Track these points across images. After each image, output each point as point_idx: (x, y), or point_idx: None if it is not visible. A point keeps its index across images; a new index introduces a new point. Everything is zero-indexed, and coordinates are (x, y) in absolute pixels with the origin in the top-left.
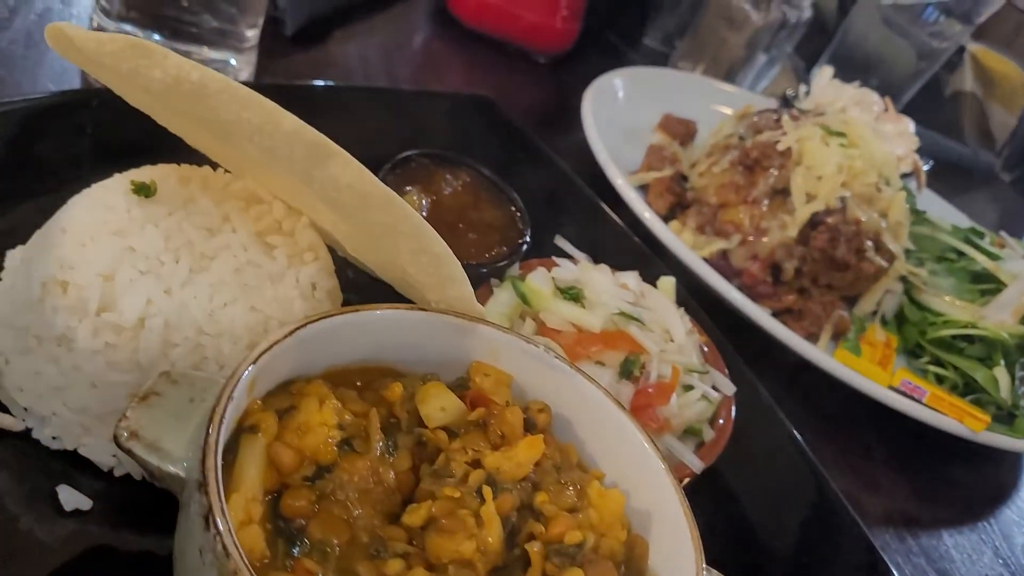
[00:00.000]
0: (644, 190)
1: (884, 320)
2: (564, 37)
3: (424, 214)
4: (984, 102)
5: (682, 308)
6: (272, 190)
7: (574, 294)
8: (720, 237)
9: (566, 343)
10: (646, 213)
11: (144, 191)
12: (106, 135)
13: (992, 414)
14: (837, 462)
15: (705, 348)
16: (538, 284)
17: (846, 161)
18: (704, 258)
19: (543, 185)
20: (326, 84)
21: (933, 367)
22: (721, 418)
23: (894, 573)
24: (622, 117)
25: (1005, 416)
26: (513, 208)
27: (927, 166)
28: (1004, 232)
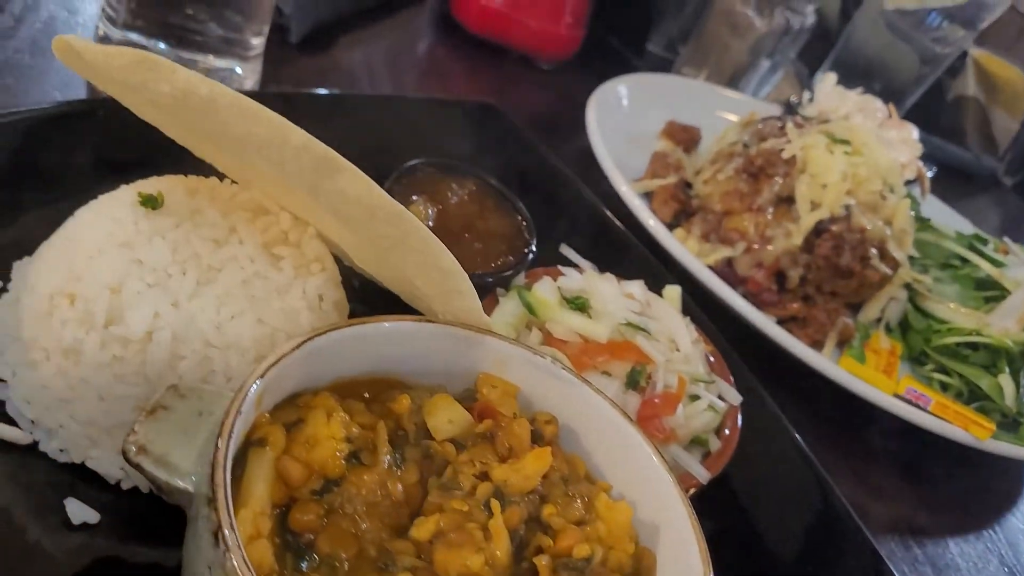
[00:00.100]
0: (648, 197)
1: (888, 327)
2: (568, 44)
3: (430, 224)
4: (987, 107)
5: (687, 318)
6: (279, 201)
7: (580, 304)
8: (725, 245)
9: (572, 353)
10: (650, 220)
11: (151, 203)
12: (112, 145)
13: (997, 422)
14: (842, 469)
15: (711, 358)
16: (544, 294)
17: (850, 169)
18: (709, 266)
19: (548, 193)
20: (331, 92)
21: (938, 375)
22: (727, 428)
23: None
24: (626, 124)
25: (1010, 423)
26: (519, 217)
27: (931, 172)
28: (1007, 238)
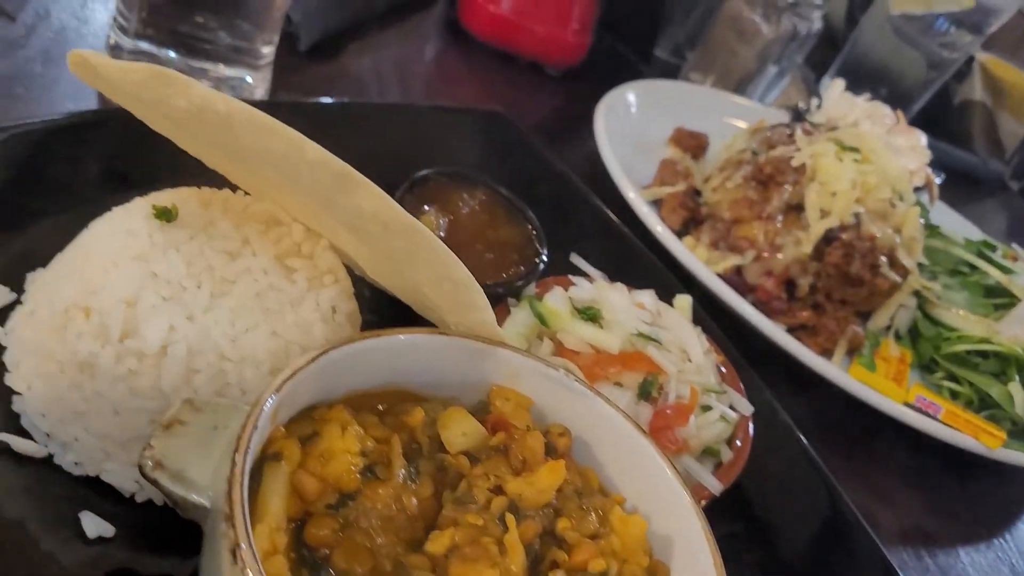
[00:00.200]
0: (657, 205)
1: (898, 335)
2: (576, 50)
3: (442, 234)
4: (993, 111)
5: (699, 328)
6: (292, 212)
7: (592, 314)
8: (734, 253)
9: (584, 364)
10: (658, 227)
11: (166, 216)
12: (124, 156)
13: (1007, 430)
14: (852, 477)
15: (723, 369)
16: (555, 304)
17: (860, 177)
18: (718, 274)
19: (557, 201)
20: (340, 101)
21: (948, 382)
22: (739, 438)
23: None
24: (634, 130)
25: (1020, 432)
26: (529, 226)
27: (939, 179)
28: (1016, 244)
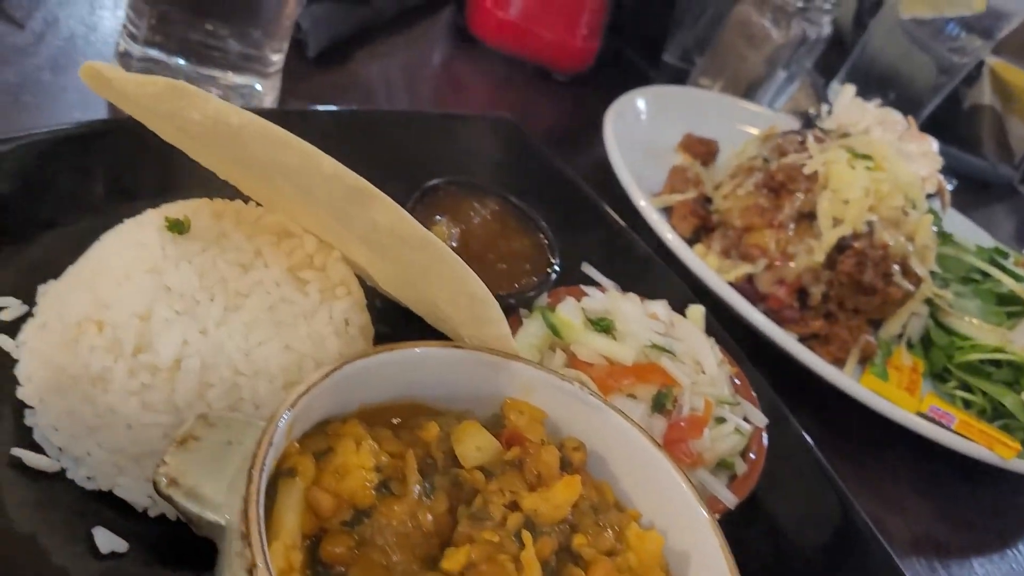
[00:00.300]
0: (667, 212)
1: (910, 344)
2: (584, 55)
3: (453, 244)
4: (1003, 115)
5: (712, 338)
6: (304, 224)
7: (605, 325)
8: (745, 261)
9: (597, 376)
10: (669, 235)
11: (178, 228)
12: (135, 166)
13: (1022, 440)
14: (865, 487)
15: (737, 380)
16: (568, 315)
17: (873, 185)
18: (729, 282)
19: (568, 210)
20: (350, 109)
21: (961, 392)
22: (753, 451)
23: None
24: (643, 136)
25: None
26: (541, 236)
27: (951, 186)
28: None
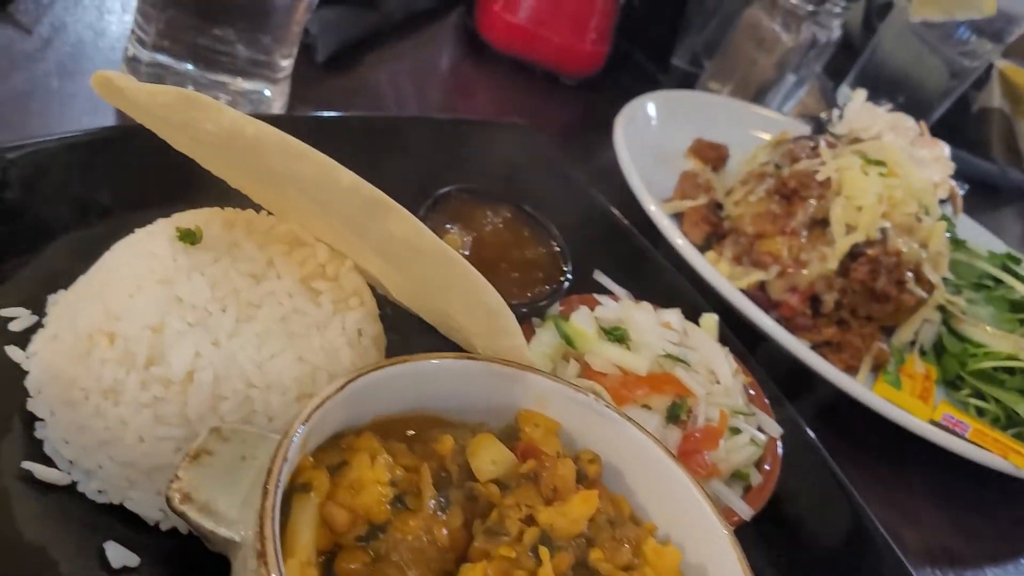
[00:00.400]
0: (677, 218)
1: (922, 351)
2: (593, 59)
3: (466, 253)
4: (1012, 119)
5: (727, 348)
6: (316, 233)
7: (619, 335)
8: (758, 268)
9: (611, 386)
10: (679, 241)
11: (189, 238)
12: (144, 173)
13: None
14: (878, 497)
15: (751, 391)
16: (582, 325)
17: (886, 191)
18: (741, 289)
19: (579, 216)
20: (359, 115)
21: (974, 399)
22: (767, 461)
23: None
24: (654, 141)
25: None
26: (553, 243)
27: (963, 191)
28: None
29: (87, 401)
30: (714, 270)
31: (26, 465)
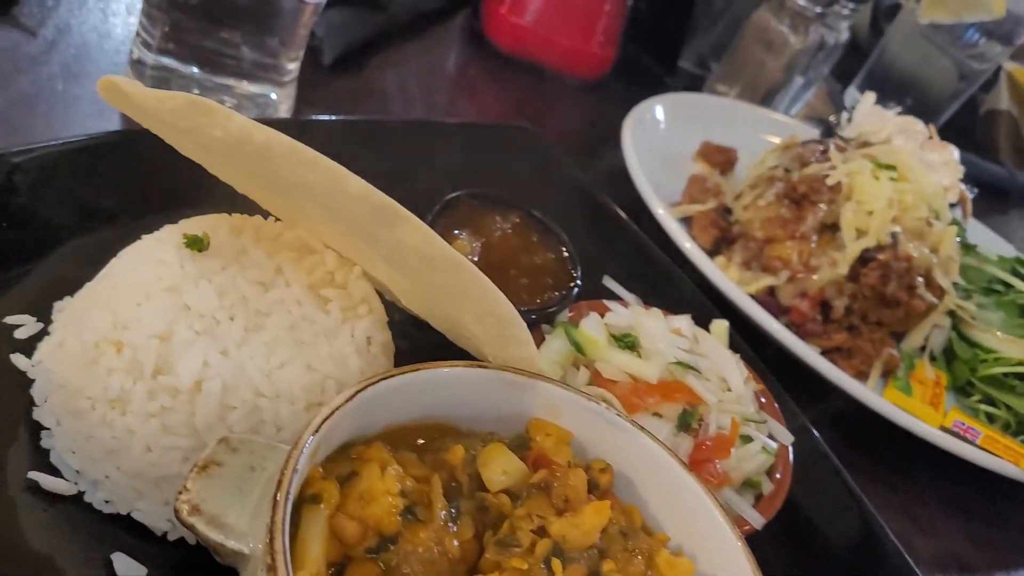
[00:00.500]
0: (685, 222)
1: (932, 356)
2: (600, 62)
3: (474, 259)
4: (1020, 121)
5: (737, 355)
6: (325, 240)
7: (629, 342)
8: (767, 273)
9: (622, 394)
10: (687, 244)
11: (197, 245)
12: (150, 178)
13: None
14: (888, 504)
15: (762, 398)
16: (592, 332)
17: (897, 196)
18: (751, 295)
19: (588, 221)
20: (366, 119)
21: (984, 405)
22: (779, 469)
23: None
24: (661, 144)
25: None
26: (562, 249)
27: (972, 194)
28: None
29: (94, 410)
30: (723, 275)
31: (32, 475)
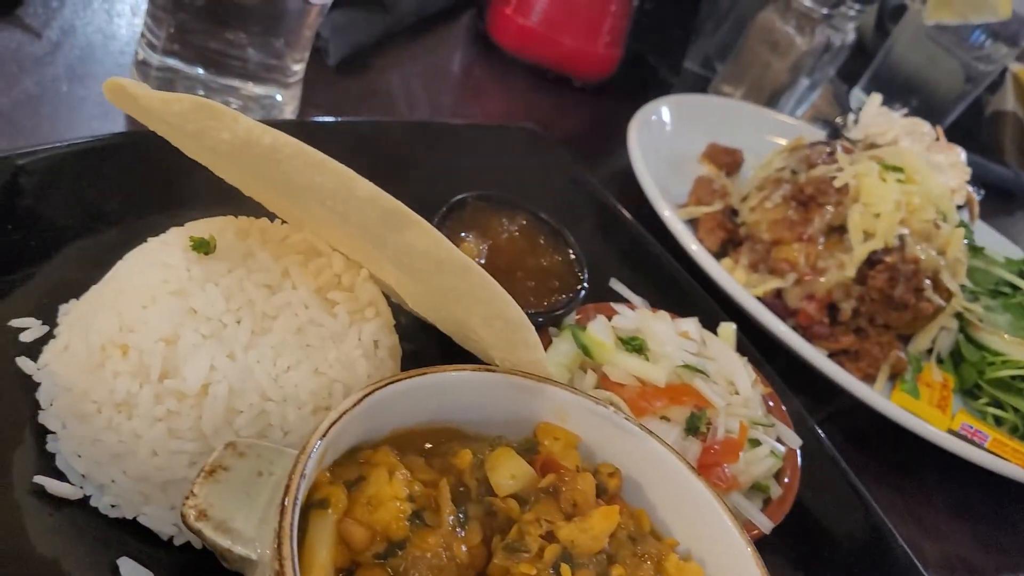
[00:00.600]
0: (692, 224)
1: (940, 359)
2: (606, 63)
3: (481, 261)
4: None
5: (745, 358)
6: (332, 243)
7: (637, 345)
8: (774, 275)
9: (629, 397)
10: (694, 246)
11: (203, 247)
12: (156, 181)
13: None
14: (896, 507)
15: (770, 402)
16: (600, 335)
17: (904, 198)
18: (758, 297)
19: (594, 223)
20: (372, 120)
21: (992, 408)
22: (787, 473)
23: None
24: (667, 145)
25: None
26: (569, 251)
27: (979, 196)
28: None
29: (100, 414)
30: (730, 277)
31: (38, 479)
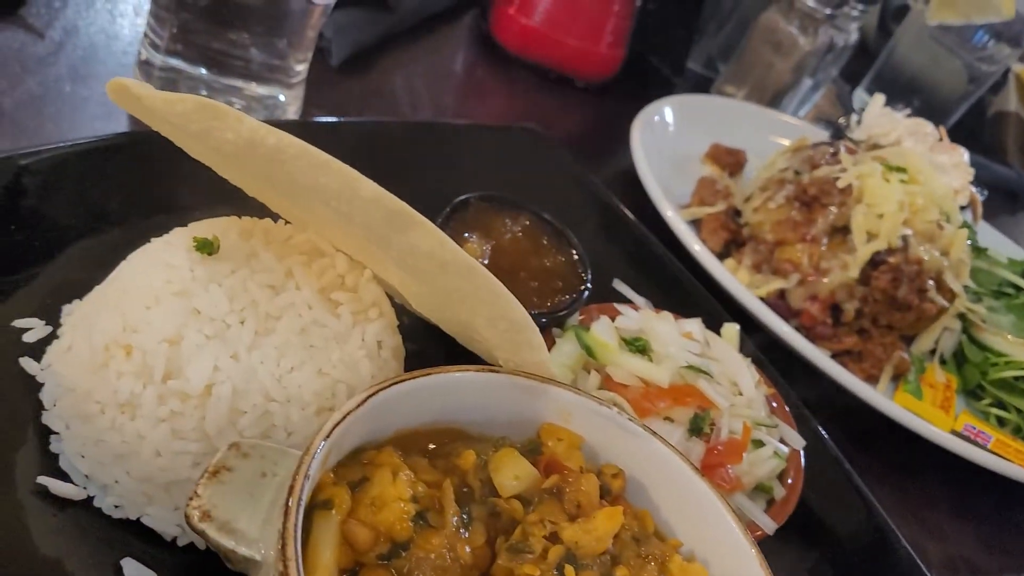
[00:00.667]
0: (695, 224)
1: (943, 360)
2: (609, 63)
3: (485, 262)
4: None
5: (748, 358)
6: (335, 243)
7: (641, 346)
8: (778, 276)
9: (633, 398)
10: (697, 247)
11: (207, 248)
12: (159, 181)
13: None
14: (899, 508)
15: (774, 403)
16: (603, 336)
17: (907, 198)
18: (761, 298)
19: (597, 223)
20: (374, 120)
21: (995, 409)
22: (791, 474)
23: None
24: (670, 145)
25: None
26: (573, 252)
27: (983, 197)
28: None
29: (103, 415)
30: (733, 278)
31: (41, 479)
